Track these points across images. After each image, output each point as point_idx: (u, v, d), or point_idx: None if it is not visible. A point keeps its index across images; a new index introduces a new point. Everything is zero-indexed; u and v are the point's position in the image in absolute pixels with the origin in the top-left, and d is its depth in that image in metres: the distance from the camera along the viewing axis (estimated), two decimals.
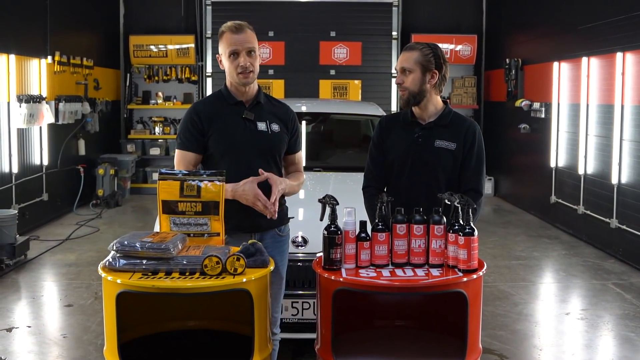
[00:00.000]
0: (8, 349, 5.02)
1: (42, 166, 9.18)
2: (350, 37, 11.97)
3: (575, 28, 8.66)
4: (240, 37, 3.35)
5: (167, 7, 12.22)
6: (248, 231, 3.42)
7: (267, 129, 3.46)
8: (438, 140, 3.47)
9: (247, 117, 3.43)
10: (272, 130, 3.47)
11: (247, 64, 3.35)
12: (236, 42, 3.35)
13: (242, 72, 3.36)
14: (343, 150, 6.70)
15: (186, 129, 3.44)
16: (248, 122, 3.44)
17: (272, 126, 3.47)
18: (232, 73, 3.39)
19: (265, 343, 2.93)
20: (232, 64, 3.37)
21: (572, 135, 8.83)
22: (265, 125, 3.46)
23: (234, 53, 3.36)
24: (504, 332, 5.42)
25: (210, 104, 3.52)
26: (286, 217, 3.65)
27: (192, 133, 3.42)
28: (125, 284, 2.71)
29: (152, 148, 12.02)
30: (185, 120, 3.47)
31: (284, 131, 3.53)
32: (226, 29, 3.39)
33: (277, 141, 3.50)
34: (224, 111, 3.45)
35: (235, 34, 3.36)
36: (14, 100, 8.17)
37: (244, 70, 3.36)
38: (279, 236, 3.57)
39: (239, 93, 3.48)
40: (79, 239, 8.45)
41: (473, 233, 2.93)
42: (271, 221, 3.45)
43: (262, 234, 3.48)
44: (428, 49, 3.48)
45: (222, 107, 3.46)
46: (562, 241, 8.55)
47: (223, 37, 3.40)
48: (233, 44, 3.35)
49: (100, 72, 11.16)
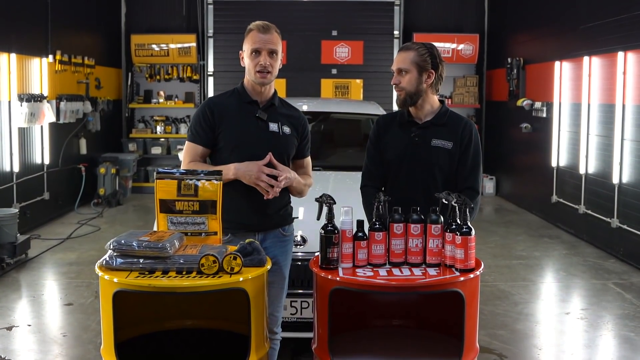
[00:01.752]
0: (8, 348, 5.03)
1: (44, 165, 9.19)
2: (352, 36, 11.97)
3: (577, 27, 8.65)
4: (265, 37, 3.39)
5: (169, 6, 12.22)
6: (252, 230, 3.44)
7: (278, 130, 3.48)
8: (435, 140, 3.47)
9: (260, 116, 3.46)
10: (284, 132, 3.49)
11: (267, 63, 3.39)
12: (260, 40, 3.39)
13: (260, 70, 3.39)
14: (343, 149, 6.69)
15: (198, 122, 3.47)
16: (260, 122, 3.46)
17: (283, 128, 3.50)
18: (250, 71, 3.43)
19: (262, 342, 2.93)
20: (252, 62, 3.40)
21: (573, 134, 8.82)
22: (277, 126, 3.48)
23: (256, 51, 3.39)
24: (504, 332, 5.42)
25: (225, 99, 3.54)
26: (290, 217, 3.65)
27: (202, 126, 3.44)
28: (122, 283, 2.72)
29: (154, 147, 12.03)
30: (197, 114, 3.50)
31: (294, 135, 3.55)
32: (254, 27, 3.43)
33: (287, 143, 3.51)
34: (237, 108, 3.47)
35: (261, 33, 3.40)
36: (15, 100, 8.17)
37: (262, 69, 3.39)
38: (282, 236, 3.57)
39: (255, 92, 3.50)
40: (80, 238, 8.46)
41: (470, 232, 2.93)
42: (275, 221, 3.49)
43: (265, 234, 3.49)
44: (424, 49, 3.47)
45: (236, 104, 3.49)
46: (563, 241, 8.54)
47: (249, 34, 3.43)
48: (257, 42, 3.39)
49: (102, 71, 11.16)
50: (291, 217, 3.65)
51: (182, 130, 11.93)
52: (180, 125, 12.10)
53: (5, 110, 8.05)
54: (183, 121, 12.13)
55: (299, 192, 3.58)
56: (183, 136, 11.46)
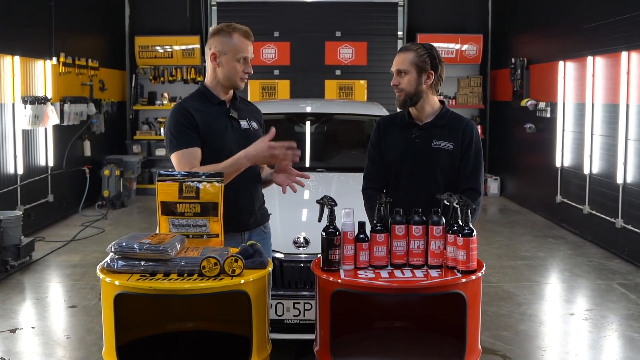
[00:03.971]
0: (12, 350, 5.04)
1: (48, 167, 9.21)
2: (355, 37, 11.98)
3: (581, 27, 8.63)
4: (250, 45, 3.46)
5: (173, 8, 12.23)
6: (238, 230, 3.48)
7: (248, 126, 3.56)
8: (435, 141, 3.47)
9: (232, 115, 3.51)
10: (253, 128, 3.58)
11: (251, 70, 3.48)
12: (248, 48, 3.45)
13: (243, 77, 3.47)
14: (346, 150, 6.68)
15: (181, 127, 3.39)
16: (233, 121, 3.51)
17: (252, 124, 3.58)
18: (233, 75, 3.44)
19: (263, 344, 2.92)
20: (239, 67, 3.43)
21: (577, 134, 8.80)
22: (246, 123, 3.56)
23: (244, 58, 3.43)
24: (508, 333, 5.40)
25: (196, 103, 3.51)
26: (267, 213, 3.73)
27: (189, 129, 3.39)
28: (123, 285, 2.71)
29: (158, 149, 12.03)
30: (178, 119, 3.41)
31: (261, 129, 3.63)
32: (238, 31, 3.43)
33: (258, 139, 3.48)
34: (209, 110, 3.49)
35: (247, 39, 3.45)
36: (19, 102, 8.19)
37: (245, 75, 3.47)
38: (264, 233, 3.66)
39: (222, 93, 3.53)
40: (84, 240, 8.47)
41: (472, 234, 2.92)
42: (257, 219, 3.58)
43: (251, 232, 3.55)
44: (423, 50, 3.46)
45: (207, 106, 3.50)
46: (568, 241, 8.51)
47: (232, 37, 3.41)
48: (246, 50, 3.44)
49: (106, 73, 11.18)
50: (268, 213, 3.73)
51: None
52: None
53: (9, 112, 8.07)
54: None
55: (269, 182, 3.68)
56: None
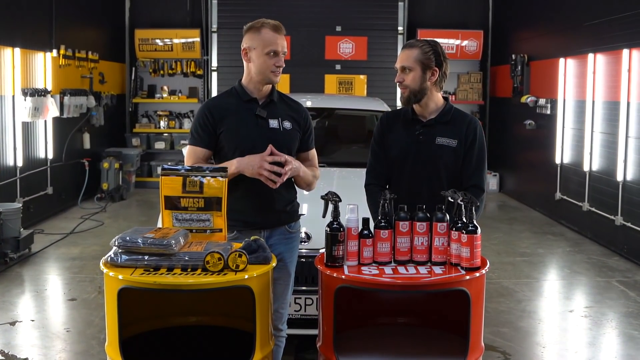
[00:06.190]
0: (11, 343, 5.03)
1: (47, 160, 9.19)
2: (356, 32, 11.95)
3: (581, 24, 8.62)
4: (281, 38, 3.41)
5: (173, 1, 12.19)
6: (258, 228, 3.43)
7: (279, 126, 3.47)
8: (439, 138, 3.45)
9: (259, 114, 3.45)
10: (284, 128, 3.48)
11: (282, 64, 3.42)
12: (278, 42, 3.39)
13: (275, 70, 3.41)
14: (348, 145, 6.68)
15: (198, 124, 3.47)
16: (260, 119, 3.45)
17: (284, 123, 3.49)
18: (264, 70, 3.41)
19: (266, 340, 2.92)
20: (269, 61, 3.39)
21: (577, 131, 8.80)
22: (277, 122, 3.47)
23: (274, 52, 3.39)
24: (507, 329, 5.41)
25: (224, 100, 3.52)
26: (297, 213, 3.63)
27: (203, 129, 3.44)
28: (127, 280, 2.71)
29: (157, 142, 12.02)
30: (197, 117, 3.50)
31: (296, 129, 3.53)
32: (267, 25, 3.41)
33: (289, 138, 3.49)
34: (236, 108, 3.46)
35: (277, 33, 3.40)
36: (19, 94, 8.17)
37: (278, 70, 3.42)
38: (288, 233, 3.56)
39: (255, 90, 3.49)
40: (83, 233, 8.46)
41: (476, 231, 2.92)
42: (282, 218, 3.48)
43: (272, 231, 3.48)
44: (428, 47, 3.44)
45: (235, 104, 3.47)
46: (567, 238, 8.52)
47: (261, 32, 3.40)
48: (275, 44, 3.39)
49: (106, 65, 11.15)
50: (297, 214, 3.63)
51: (186, 125, 11.92)
52: (183, 120, 12.11)
53: (9, 104, 8.04)
54: (186, 116, 12.14)
55: (307, 183, 3.57)
56: (186, 131, 11.46)
